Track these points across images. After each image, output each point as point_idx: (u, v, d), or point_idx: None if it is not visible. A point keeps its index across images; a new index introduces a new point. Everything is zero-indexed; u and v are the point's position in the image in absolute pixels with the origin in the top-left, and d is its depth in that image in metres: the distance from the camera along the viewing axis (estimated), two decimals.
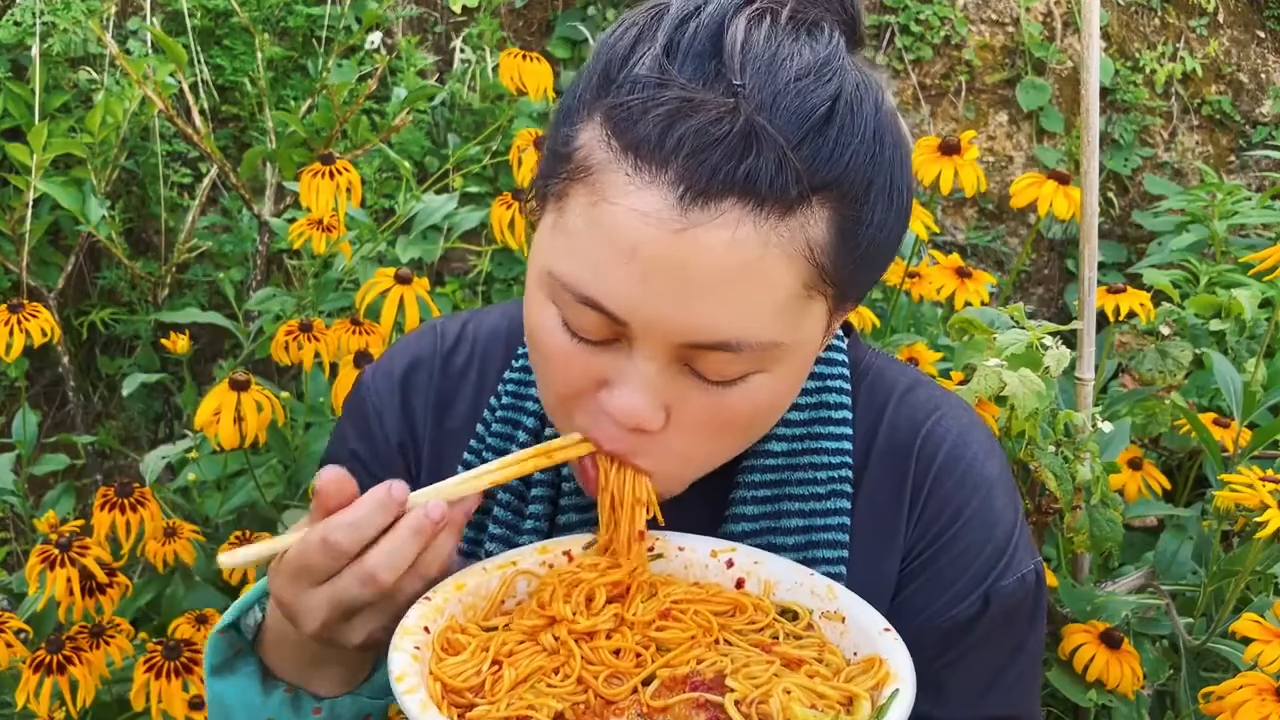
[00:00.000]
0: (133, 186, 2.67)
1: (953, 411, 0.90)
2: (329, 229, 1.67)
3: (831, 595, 0.78)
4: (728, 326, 0.69)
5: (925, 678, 0.85)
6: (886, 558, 0.86)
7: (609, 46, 0.72)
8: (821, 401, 0.87)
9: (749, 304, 0.68)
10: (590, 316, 0.70)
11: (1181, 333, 1.87)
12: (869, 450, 0.88)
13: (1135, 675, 1.35)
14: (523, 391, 0.91)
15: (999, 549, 0.86)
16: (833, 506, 0.85)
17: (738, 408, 0.74)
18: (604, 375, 0.73)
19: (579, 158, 0.70)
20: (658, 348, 0.70)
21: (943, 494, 0.86)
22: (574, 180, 0.70)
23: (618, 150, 0.68)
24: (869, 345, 0.95)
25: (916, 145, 1.65)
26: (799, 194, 0.67)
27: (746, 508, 0.85)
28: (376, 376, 0.96)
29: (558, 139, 0.73)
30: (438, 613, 0.74)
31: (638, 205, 0.67)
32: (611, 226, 0.68)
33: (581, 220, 0.70)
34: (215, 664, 0.84)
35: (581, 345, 0.73)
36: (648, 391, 0.72)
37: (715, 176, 0.65)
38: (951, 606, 0.85)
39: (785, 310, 0.70)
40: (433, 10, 3.06)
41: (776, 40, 0.69)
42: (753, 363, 0.71)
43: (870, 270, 0.75)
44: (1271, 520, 1.19)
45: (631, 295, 0.68)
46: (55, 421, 2.59)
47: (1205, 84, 3.49)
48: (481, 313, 0.99)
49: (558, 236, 0.72)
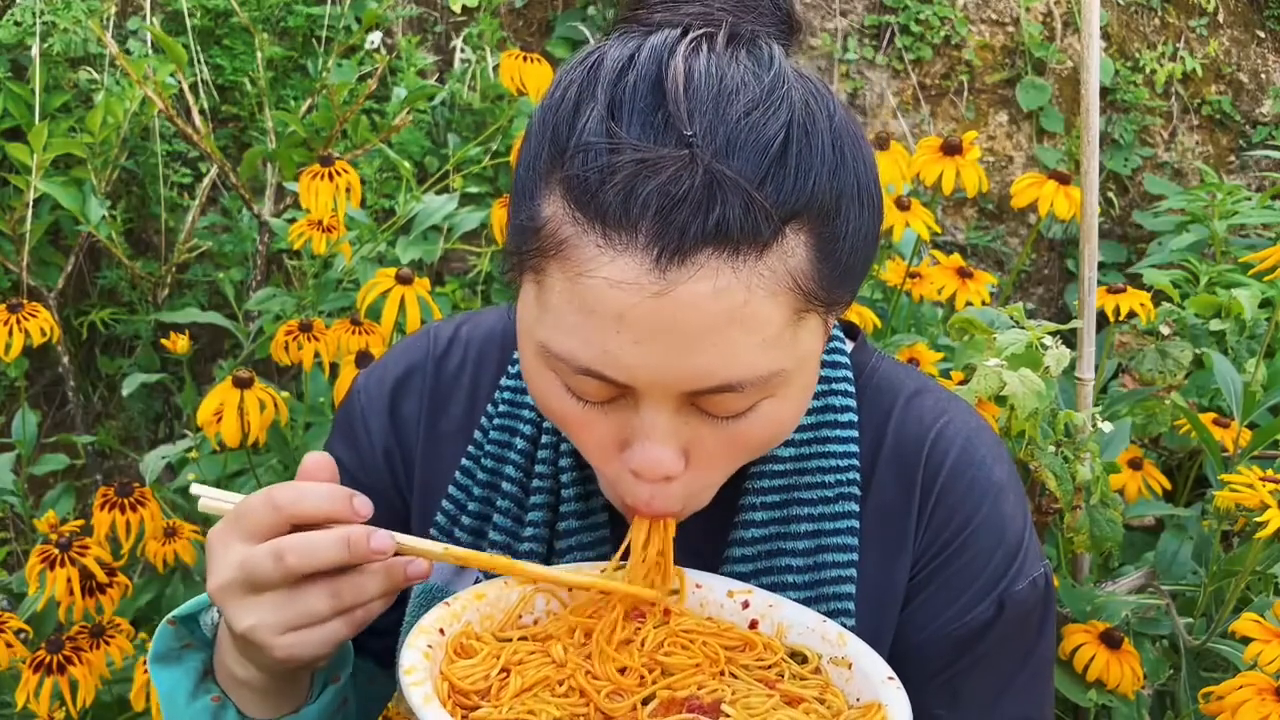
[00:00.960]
0: (133, 186, 2.67)
1: (960, 416, 0.89)
2: (329, 229, 1.67)
3: (841, 642, 0.79)
4: (726, 371, 0.69)
5: (940, 684, 0.86)
6: (896, 563, 0.86)
7: (552, 110, 0.71)
8: (827, 405, 0.87)
9: (743, 346, 0.68)
10: (591, 384, 0.71)
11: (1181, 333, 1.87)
12: (876, 455, 0.88)
13: (1135, 675, 1.36)
14: (519, 399, 0.90)
15: (1010, 554, 0.86)
16: (841, 510, 0.85)
17: (753, 434, 0.74)
18: (621, 436, 0.74)
19: (547, 233, 0.69)
20: (663, 399, 0.71)
21: (952, 500, 0.86)
22: (546, 256, 0.69)
23: (584, 222, 0.67)
24: (874, 349, 0.95)
25: (918, 146, 1.65)
26: (771, 230, 0.66)
27: (756, 514, 0.85)
28: (369, 382, 0.96)
29: (521, 214, 0.72)
30: (454, 618, 0.75)
31: (614, 275, 0.66)
32: (594, 299, 0.67)
33: (563, 296, 0.69)
34: (159, 652, 0.82)
35: (590, 407, 0.74)
36: (665, 441, 0.72)
37: (686, 233, 0.65)
38: (965, 613, 0.85)
39: (779, 341, 0.70)
40: (433, 10, 3.06)
41: (718, 72, 0.68)
42: (758, 394, 0.72)
43: (856, 275, 0.75)
44: (1271, 520, 1.19)
45: (628, 359, 0.68)
46: (55, 421, 2.59)
47: (1205, 84, 3.49)
48: (478, 315, 0.99)
49: (543, 311, 0.71)
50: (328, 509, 0.71)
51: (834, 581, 0.84)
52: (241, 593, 0.71)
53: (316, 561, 0.70)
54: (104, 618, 1.35)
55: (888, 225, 1.66)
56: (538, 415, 0.89)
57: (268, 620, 0.70)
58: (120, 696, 1.41)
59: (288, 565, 0.69)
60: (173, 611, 0.83)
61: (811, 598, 0.84)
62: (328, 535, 0.70)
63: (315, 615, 0.71)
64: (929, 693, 0.85)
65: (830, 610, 0.83)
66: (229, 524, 0.72)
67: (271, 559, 0.69)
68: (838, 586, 0.84)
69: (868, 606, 0.85)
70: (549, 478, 0.87)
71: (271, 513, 0.70)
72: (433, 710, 0.65)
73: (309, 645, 0.72)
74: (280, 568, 0.69)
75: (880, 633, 0.86)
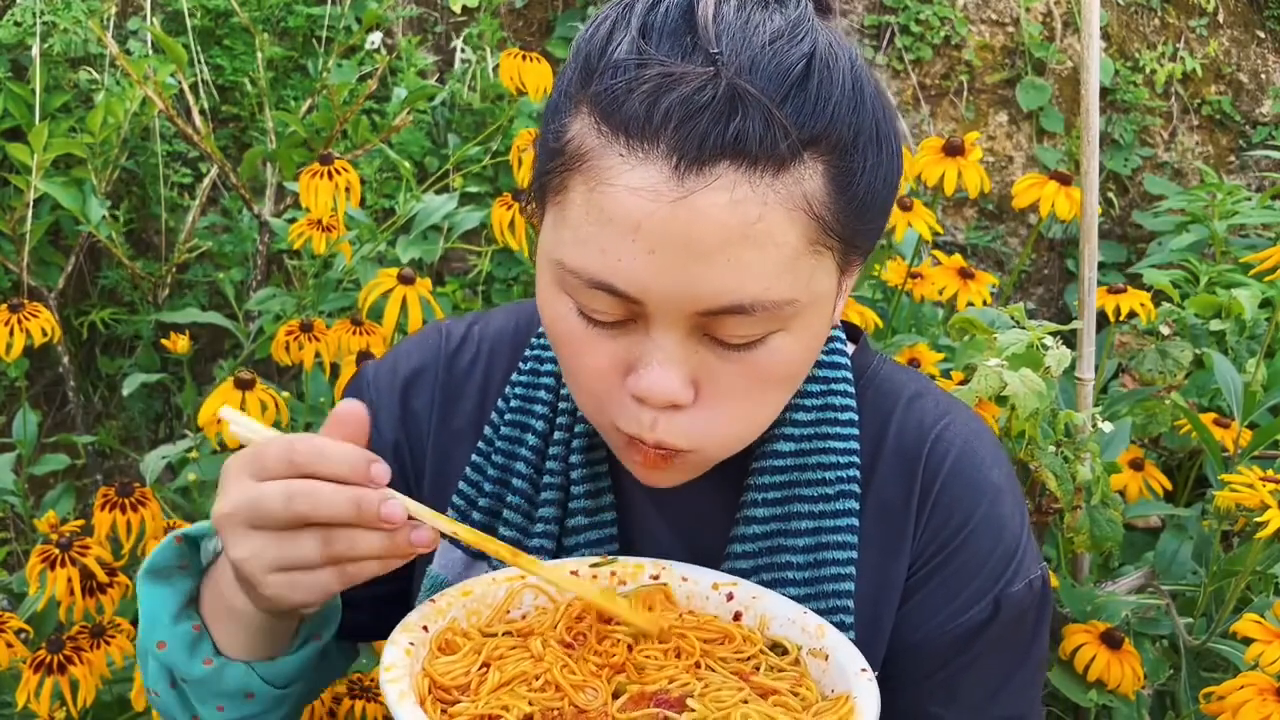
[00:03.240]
0: (133, 186, 2.67)
1: (960, 418, 0.90)
2: (329, 229, 1.67)
3: (820, 633, 0.79)
4: (738, 289, 0.69)
5: (936, 682, 0.86)
6: (894, 561, 0.87)
7: (586, 41, 0.74)
8: (827, 404, 0.87)
9: (756, 264, 0.69)
10: (603, 299, 0.71)
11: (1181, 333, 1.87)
12: (876, 453, 0.88)
13: (1136, 675, 1.36)
14: (530, 395, 0.90)
15: (1008, 555, 0.86)
16: (842, 507, 0.85)
17: (764, 369, 0.74)
18: (627, 360, 0.74)
19: (571, 149, 0.72)
20: (674, 320, 0.71)
21: (950, 500, 0.86)
22: (570, 171, 0.72)
23: (608, 134, 0.69)
24: (876, 351, 0.95)
25: (919, 147, 1.65)
26: (789, 150, 0.68)
27: (757, 510, 0.85)
28: (379, 374, 0.96)
29: (548, 136, 0.75)
30: (439, 614, 0.75)
31: (634, 182, 0.68)
32: (612, 207, 0.69)
33: (582, 208, 0.71)
34: (155, 565, 0.82)
35: (600, 331, 0.74)
36: (672, 365, 0.72)
37: (706, 142, 0.67)
38: (962, 612, 0.86)
39: (793, 267, 0.71)
40: (433, 10, 3.06)
41: (746, 11, 0.71)
42: (770, 323, 0.72)
43: (870, 220, 0.76)
44: (1271, 520, 1.19)
45: (641, 272, 0.69)
46: (55, 421, 2.59)
47: (1205, 84, 3.49)
48: (488, 314, 0.99)
49: (561, 229, 0.73)
50: (345, 474, 0.69)
51: (833, 579, 0.84)
52: (243, 524, 0.70)
53: (323, 514, 0.68)
54: (104, 618, 1.35)
55: (890, 225, 1.66)
56: (550, 411, 0.89)
57: (261, 556, 0.70)
58: (120, 696, 1.41)
59: (293, 509, 0.68)
60: (182, 530, 0.82)
61: (811, 594, 0.84)
62: (341, 492, 0.69)
63: (306, 560, 0.69)
64: (925, 690, 0.86)
65: (829, 607, 0.84)
66: (246, 460, 0.71)
67: (281, 499, 0.68)
68: (837, 584, 0.84)
69: (866, 604, 0.86)
70: (559, 474, 0.88)
71: (287, 466, 0.69)
72: (406, 707, 0.66)
73: (296, 590, 0.70)
74: (286, 509, 0.68)
75: (878, 630, 0.86)
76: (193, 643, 0.79)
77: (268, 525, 0.69)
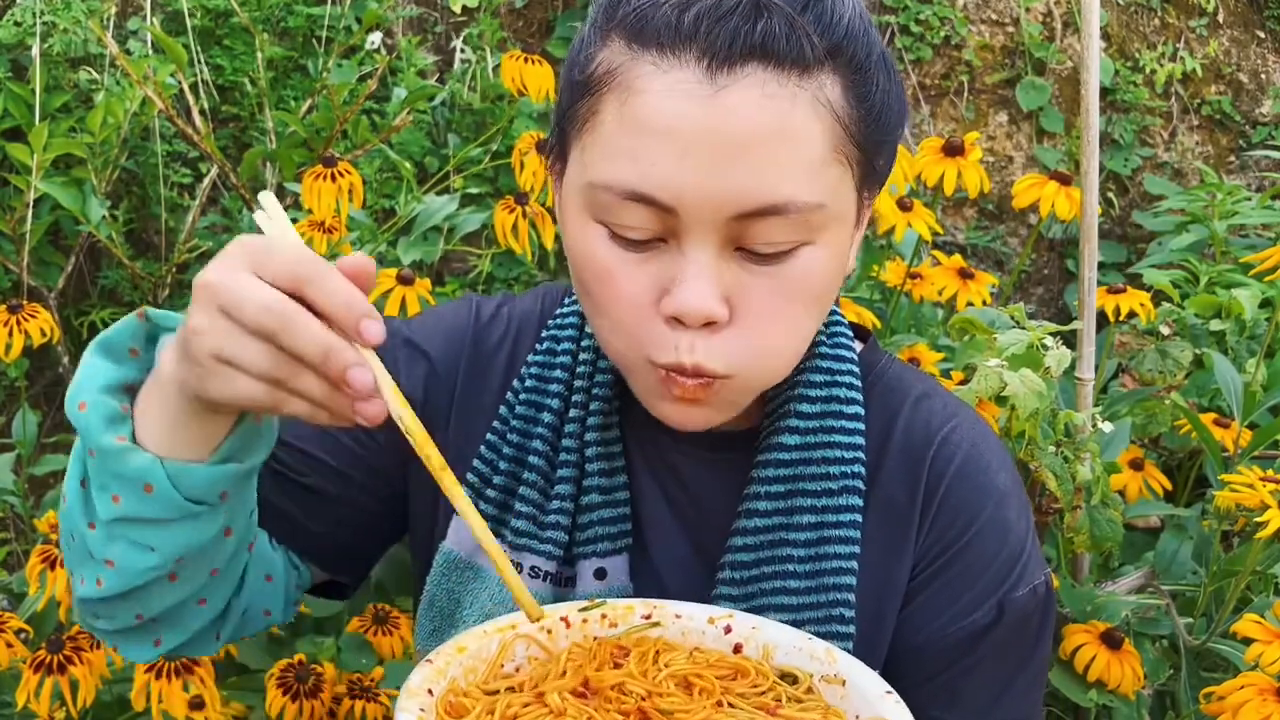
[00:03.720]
0: (133, 186, 2.67)
1: (967, 422, 0.90)
2: (330, 230, 1.67)
3: (830, 659, 0.77)
4: (772, 189, 0.71)
5: (938, 685, 0.86)
6: (898, 561, 0.86)
7: None
8: (833, 395, 0.87)
9: (787, 161, 0.71)
10: (636, 212, 0.73)
11: (1181, 333, 1.87)
12: (882, 451, 0.88)
13: (1136, 675, 1.35)
14: (546, 375, 0.91)
15: (1012, 559, 0.86)
16: (845, 503, 0.85)
17: (795, 285, 0.75)
18: (661, 284, 0.75)
19: (600, 72, 0.74)
20: (708, 231, 0.72)
21: (955, 502, 0.86)
22: (600, 94, 0.74)
23: (639, 49, 0.72)
24: (885, 351, 0.95)
25: (920, 147, 1.65)
26: (813, 55, 0.71)
27: (760, 503, 0.85)
28: (412, 328, 0.96)
29: (574, 73, 0.77)
30: (439, 675, 0.73)
31: (667, 85, 0.71)
32: (645, 113, 0.71)
33: (614, 124, 0.73)
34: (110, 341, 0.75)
35: (632, 257, 0.75)
36: (706, 281, 0.73)
37: (735, 41, 0.70)
38: (965, 615, 0.85)
39: (822, 171, 0.73)
40: (433, 10, 3.06)
41: None
42: (800, 229, 0.74)
43: (884, 135, 0.79)
44: (1272, 520, 1.19)
45: (674, 176, 0.71)
46: (55, 421, 2.59)
47: (1205, 84, 3.49)
48: (516, 296, 1.00)
49: (591, 152, 0.75)
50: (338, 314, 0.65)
51: (835, 573, 0.84)
52: (213, 301, 0.65)
53: (288, 344, 0.65)
54: None
55: (890, 225, 1.66)
56: (566, 390, 0.90)
57: (212, 336, 0.65)
58: (120, 696, 1.41)
59: (263, 323, 0.64)
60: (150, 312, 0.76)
61: (812, 587, 0.84)
62: (316, 334, 0.65)
63: (248, 365, 0.65)
64: (927, 693, 0.85)
65: (830, 600, 0.84)
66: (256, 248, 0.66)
67: (259, 305, 0.64)
68: (838, 578, 0.84)
69: (868, 600, 0.86)
70: (575, 451, 0.88)
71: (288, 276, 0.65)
72: None
73: (226, 384, 0.66)
74: (257, 318, 0.64)
75: (881, 629, 0.86)
76: (113, 417, 0.73)
77: (232, 317, 0.65)
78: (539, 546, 0.88)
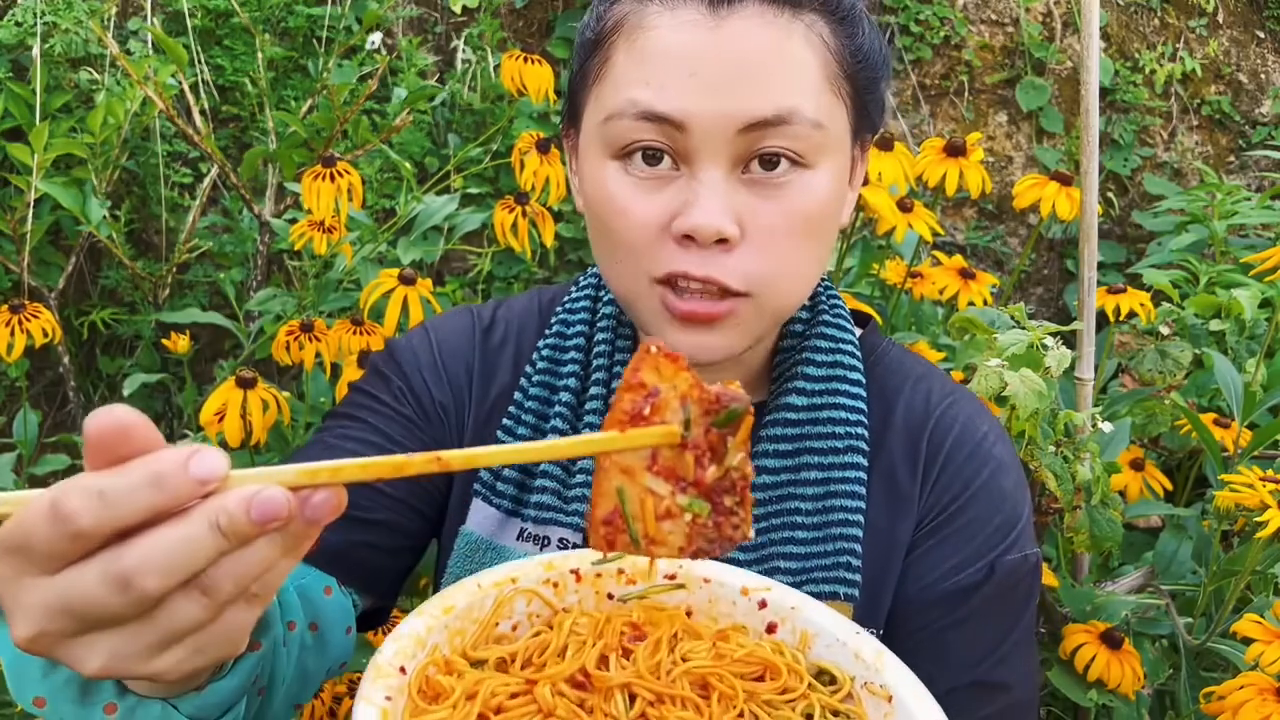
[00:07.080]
0: (133, 187, 2.67)
1: (964, 399, 0.95)
2: (330, 230, 1.67)
3: (879, 664, 0.66)
4: (776, 98, 0.77)
5: (927, 638, 0.90)
6: (900, 522, 0.90)
7: None
8: (837, 360, 0.92)
9: (789, 76, 0.78)
10: (648, 130, 0.78)
11: (1181, 333, 1.87)
12: (884, 428, 0.92)
13: (1136, 675, 1.36)
14: (558, 357, 0.95)
15: (1007, 525, 0.90)
16: (850, 461, 0.89)
17: (799, 208, 0.80)
18: (672, 210, 0.80)
19: (610, 23, 0.82)
20: (718, 149, 0.78)
21: (954, 469, 0.91)
22: (611, 41, 0.81)
23: None
24: (885, 336, 1.01)
25: (922, 147, 1.65)
26: None
27: (768, 460, 0.89)
28: (414, 339, 0.99)
29: (586, 33, 0.84)
30: (418, 645, 0.61)
31: (673, 22, 0.78)
32: (653, 46, 0.78)
33: (625, 63, 0.80)
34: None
35: (646, 185, 0.80)
36: (717, 198, 0.78)
37: None
38: (957, 571, 0.89)
39: (820, 93, 0.80)
40: (433, 10, 3.06)
41: None
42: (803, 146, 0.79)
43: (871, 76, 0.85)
44: (1271, 520, 1.19)
45: (684, 94, 0.77)
46: (55, 421, 2.59)
47: (1205, 84, 3.49)
48: (508, 299, 1.04)
49: (605, 92, 0.81)
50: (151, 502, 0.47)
51: (841, 524, 0.88)
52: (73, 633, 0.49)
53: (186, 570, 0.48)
54: None
55: (890, 226, 1.66)
56: (581, 370, 0.93)
57: (126, 650, 0.50)
58: None
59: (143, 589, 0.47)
60: None
61: (819, 538, 0.87)
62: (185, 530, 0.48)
63: (192, 622, 0.50)
64: (915, 645, 0.89)
65: (837, 549, 0.86)
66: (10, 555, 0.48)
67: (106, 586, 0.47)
68: (845, 529, 0.88)
69: (874, 558, 0.89)
70: (596, 428, 0.90)
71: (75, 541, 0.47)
72: None
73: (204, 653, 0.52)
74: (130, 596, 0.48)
75: (884, 587, 0.90)
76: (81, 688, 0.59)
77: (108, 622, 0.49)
78: (565, 519, 0.90)
